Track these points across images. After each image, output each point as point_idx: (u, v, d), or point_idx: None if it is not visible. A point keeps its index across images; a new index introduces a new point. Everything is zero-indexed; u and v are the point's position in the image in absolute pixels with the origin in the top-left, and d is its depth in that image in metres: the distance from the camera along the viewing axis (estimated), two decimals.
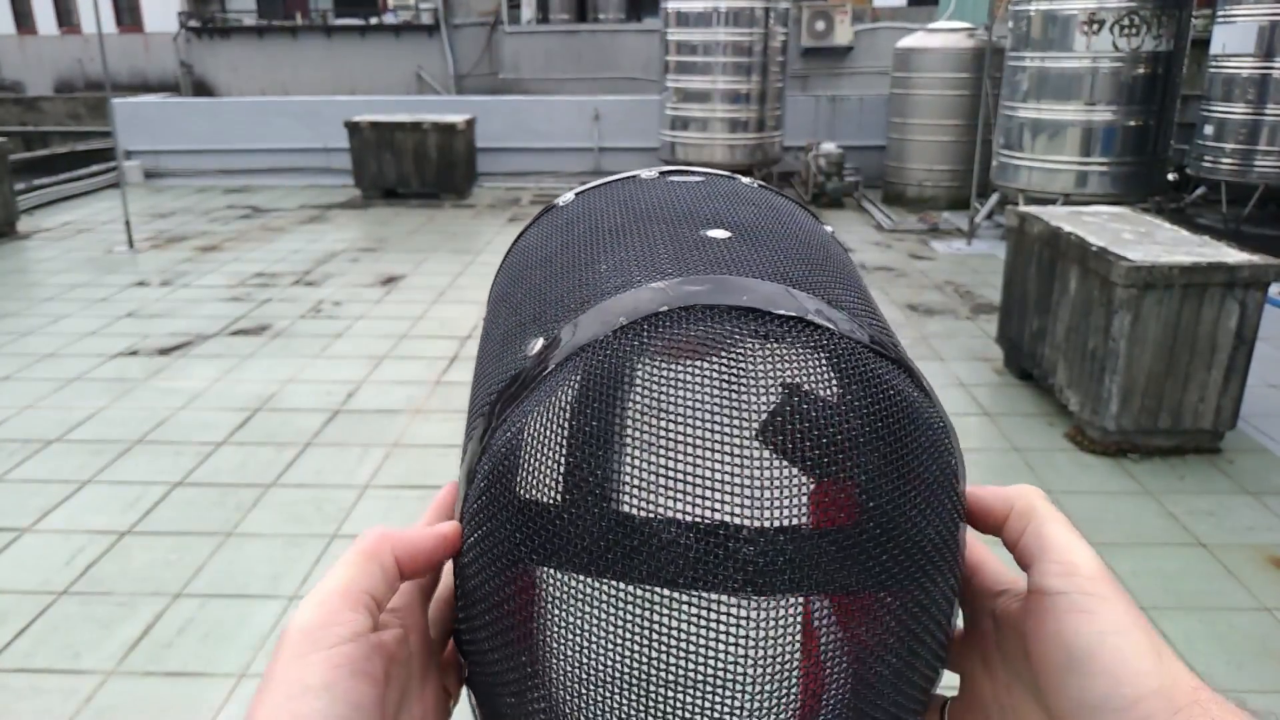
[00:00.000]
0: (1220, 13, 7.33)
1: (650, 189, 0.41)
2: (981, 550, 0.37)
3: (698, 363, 0.29)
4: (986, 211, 7.59)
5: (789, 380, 0.29)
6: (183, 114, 10.54)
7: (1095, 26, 6.52)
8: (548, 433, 0.29)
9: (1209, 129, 7.41)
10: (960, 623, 0.38)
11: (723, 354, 0.29)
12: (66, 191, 9.21)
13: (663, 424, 0.28)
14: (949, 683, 0.39)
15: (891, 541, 0.29)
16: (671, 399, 0.29)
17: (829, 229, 0.44)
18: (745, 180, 0.44)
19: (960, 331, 5.15)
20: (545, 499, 0.29)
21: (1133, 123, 6.67)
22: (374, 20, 16.98)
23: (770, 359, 0.29)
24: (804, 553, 0.28)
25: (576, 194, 0.43)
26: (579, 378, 0.29)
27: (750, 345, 0.29)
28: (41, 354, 4.73)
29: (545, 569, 0.30)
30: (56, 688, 2.29)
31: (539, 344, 0.32)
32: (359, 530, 2.75)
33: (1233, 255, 3.43)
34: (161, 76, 18.79)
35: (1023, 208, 4.52)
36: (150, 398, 4.15)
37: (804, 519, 0.28)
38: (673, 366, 0.29)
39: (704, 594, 0.28)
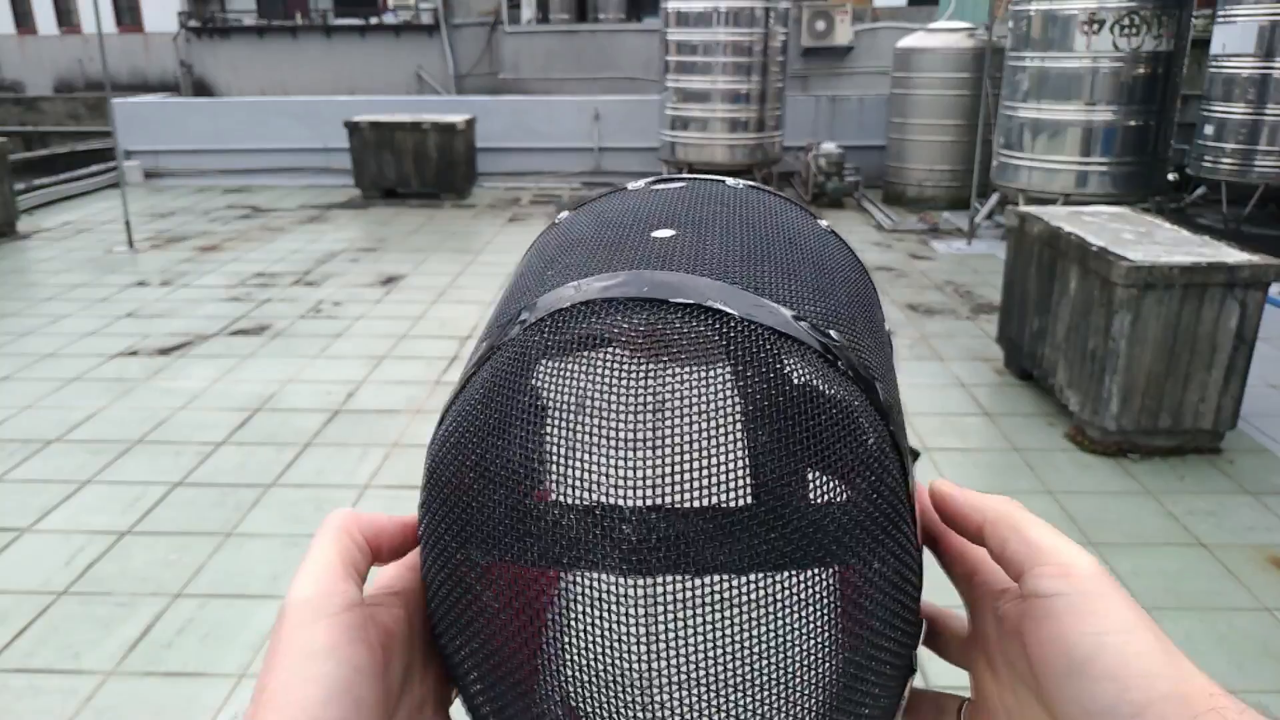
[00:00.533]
0: (1220, 13, 7.32)
1: (629, 198, 0.42)
2: (981, 551, 0.36)
3: (585, 353, 0.30)
4: (986, 211, 7.59)
5: (672, 366, 0.29)
6: (183, 114, 10.54)
7: (1095, 26, 6.52)
8: (460, 427, 0.32)
9: (1209, 129, 7.41)
10: (964, 623, 0.38)
11: (610, 343, 0.30)
12: (66, 191, 9.21)
13: (553, 414, 0.30)
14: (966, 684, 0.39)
15: (781, 521, 0.29)
16: (558, 390, 0.30)
17: (823, 224, 0.43)
18: (731, 182, 0.43)
19: (960, 331, 5.15)
20: (458, 488, 0.31)
21: (1133, 123, 6.67)
22: (374, 20, 16.98)
23: (655, 346, 0.30)
24: (680, 531, 0.29)
25: (570, 211, 0.44)
26: (487, 375, 0.32)
27: (637, 333, 0.30)
28: (41, 354, 4.73)
29: (464, 553, 0.32)
30: (56, 688, 2.29)
31: (482, 348, 0.35)
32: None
33: (1233, 255, 3.43)
34: (161, 76, 18.79)
35: (1023, 208, 4.52)
36: (150, 398, 4.15)
37: (683, 499, 0.29)
38: (563, 359, 0.30)
39: (588, 573, 0.29)
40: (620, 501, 0.29)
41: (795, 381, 0.30)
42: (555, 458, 0.29)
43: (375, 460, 3.52)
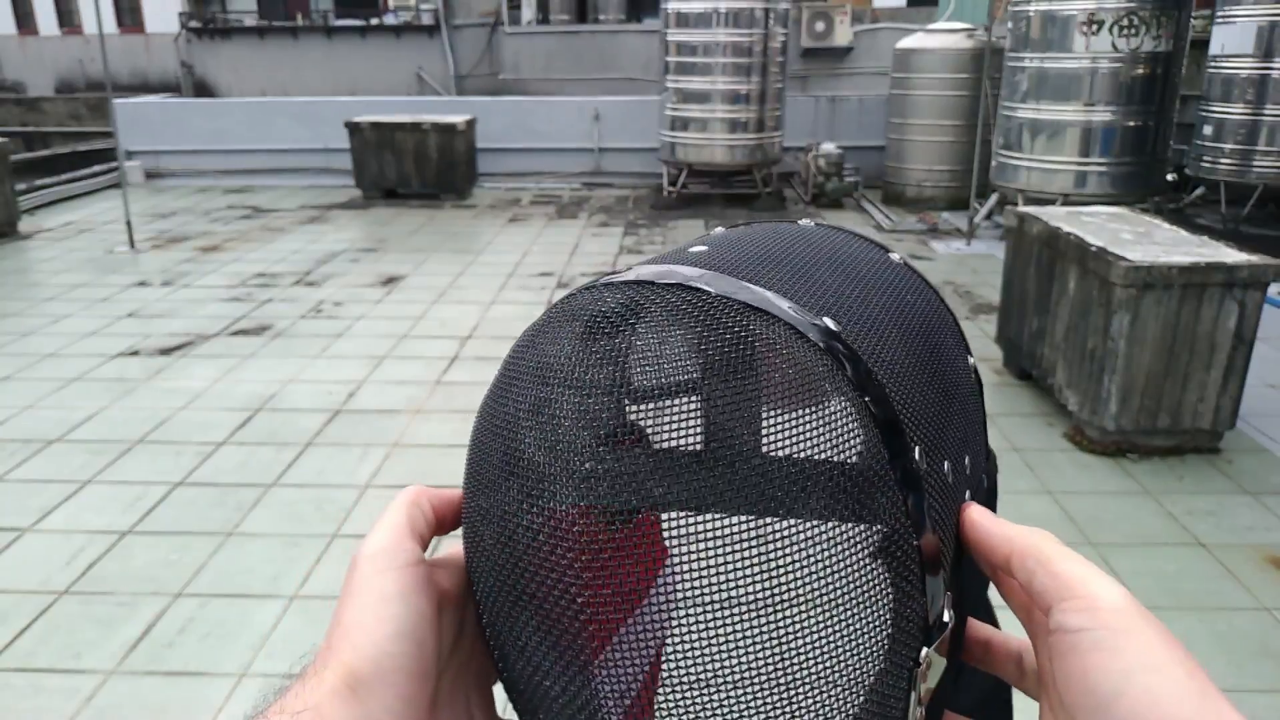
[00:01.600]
0: (1219, 13, 7.33)
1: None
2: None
3: (572, 323, 0.35)
4: (986, 212, 7.59)
5: (640, 326, 0.33)
6: (184, 114, 10.54)
7: (1094, 27, 6.52)
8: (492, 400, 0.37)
9: (1208, 129, 7.42)
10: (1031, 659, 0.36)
11: (593, 315, 0.34)
12: (67, 192, 9.22)
13: (542, 371, 0.34)
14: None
15: (723, 464, 0.32)
16: (550, 352, 0.34)
17: (895, 257, 0.42)
18: (803, 221, 0.44)
19: None
20: (474, 447, 0.37)
21: (1132, 123, 6.68)
22: (374, 21, 16.99)
23: (627, 312, 0.33)
24: (635, 468, 0.32)
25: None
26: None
27: (614, 305, 0.34)
28: (42, 354, 4.74)
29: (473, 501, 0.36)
30: (57, 687, 2.29)
31: None
32: (360, 530, 2.73)
33: (1231, 255, 3.43)
34: (162, 77, 18.80)
35: (1022, 208, 4.53)
36: (151, 398, 4.16)
37: (642, 438, 0.33)
38: (562, 327, 0.35)
39: (553, 506, 0.33)
40: (584, 441, 0.32)
41: (753, 343, 0.32)
42: (539, 407, 0.33)
43: (376, 460, 3.53)
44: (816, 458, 0.31)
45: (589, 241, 7.47)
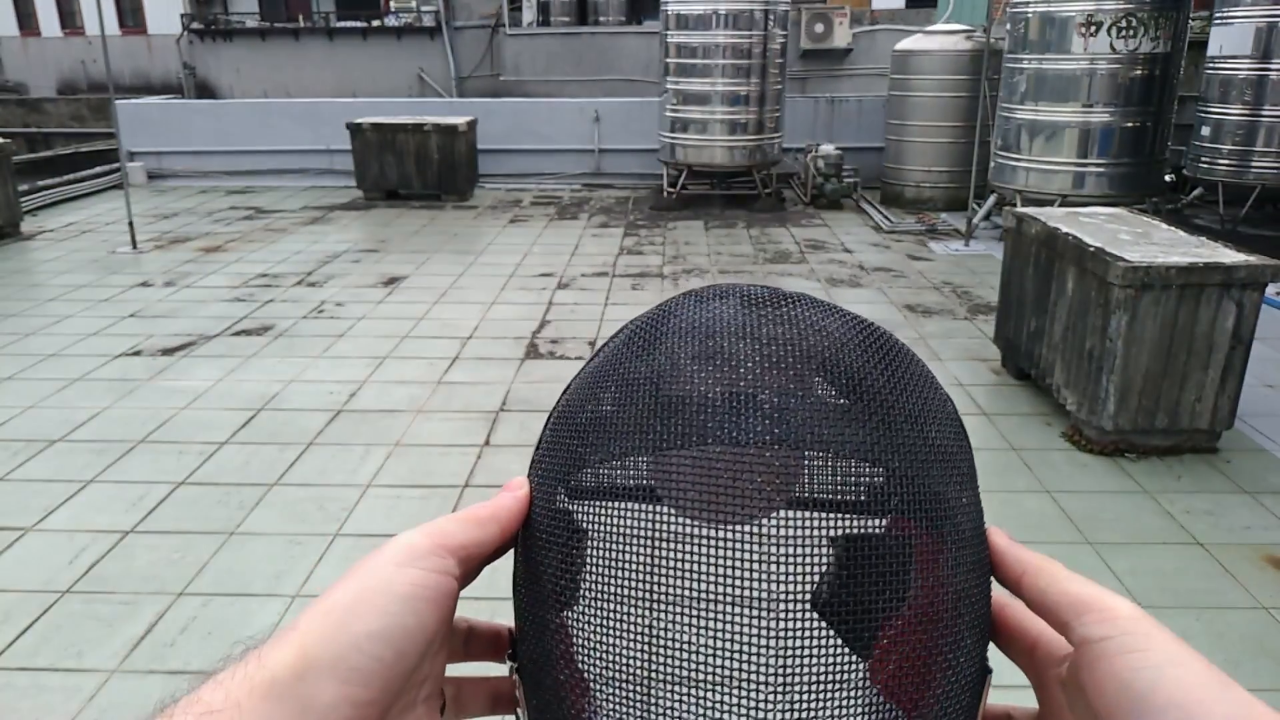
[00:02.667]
0: (1217, 14, 7.34)
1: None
2: (1040, 624, 0.36)
3: (724, 299, 0.37)
4: (984, 212, 7.60)
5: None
6: (186, 115, 10.56)
7: (1093, 28, 6.53)
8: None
9: (1206, 130, 7.43)
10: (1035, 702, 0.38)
11: (744, 294, 0.37)
12: (70, 192, 9.24)
13: (707, 329, 0.36)
14: None
15: (878, 418, 0.34)
16: (711, 314, 0.36)
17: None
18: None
19: (958, 332, 5.17)
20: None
21: (1130, 124, 6.69)
22: (376, 22, 17.01)
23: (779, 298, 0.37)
24: (806, 416, 0.33)
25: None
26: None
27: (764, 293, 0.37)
28: (45, 354, 4.75)
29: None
30: (60, 686, 2.30)
31: None
32: (361, 529, 2.73)
33: (1229, 256, 3.44)
34: (164, 78, 18.82)
35: (1020, 209, 4.54)
36: (153, 397, 4.17)
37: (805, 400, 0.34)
38: (711, 301, 0.37)
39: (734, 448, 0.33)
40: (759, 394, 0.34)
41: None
42: (710, 355, 0.35)
43: (377, 460, 3.54)
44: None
45: (589, 242, 7.49)
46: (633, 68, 14.35)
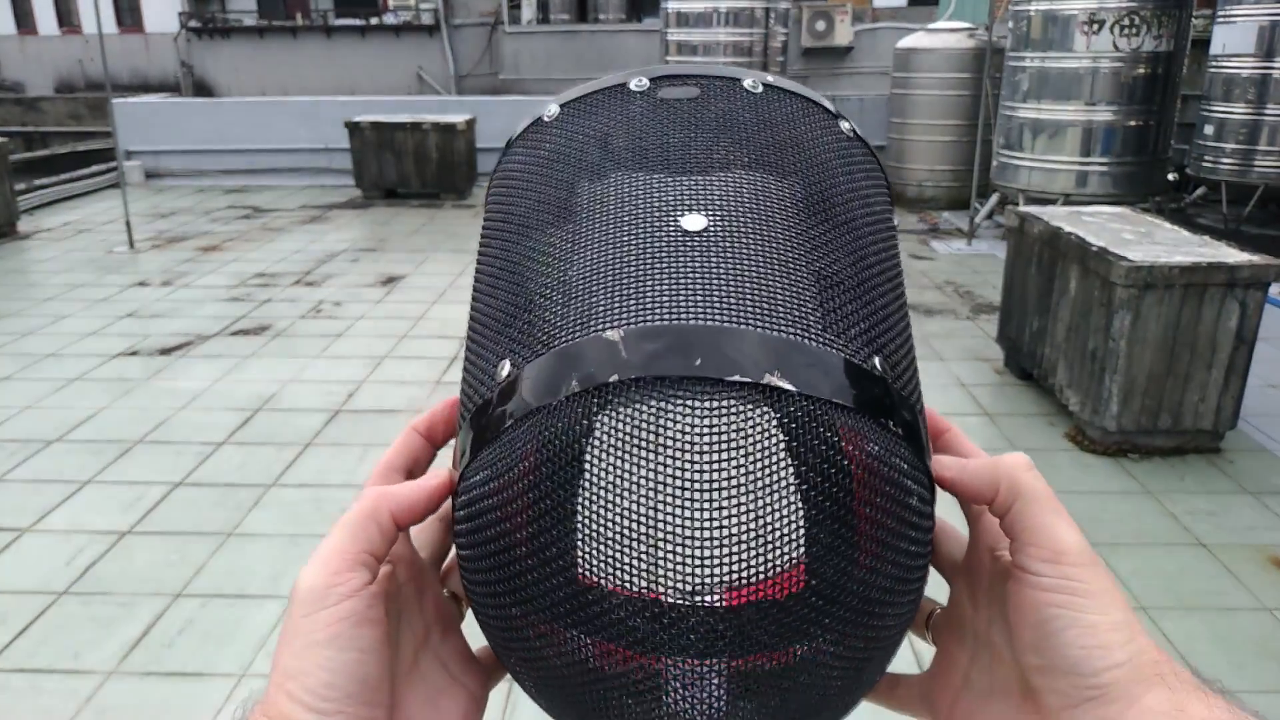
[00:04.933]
0: (1220, 13, 7.32)
1: (637, 117, 0.39)
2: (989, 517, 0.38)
3: (642, 448, 0.29)
4: (986, 211, 7.59)
5: (730, 464, 0.29)
6: (183, 114, 10.54)
7: (1095, 26, 6.52)
8: (511, 493, 0.31)
9: (1209, 129, 7.41)
10: (962, 545, 0.40)
11: (666, 440, 0.29)
12: (67, 192, 9.22)
13: (611, 506, 0.29)
14: (939, 591, 0.40)
15: (836, 606, 0.31)
16: (619, 482, 0.29)
17: (846, 126, 0.41)
18: (749, 84, 0.39)
19: (960, 331, 5.15)
20: (513, 550, 0.31)
21: (1133, 123, 6.67)
22: (374, 20, 17.00)
23: (710, 444, 0.29)
24: (743, 629, 0.30)
25: (561, 108, 0.41)
26: (534, 446, 0.30)
27: (693, 428, 0.29)
28: (42, 354, 4.73)
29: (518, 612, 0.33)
30: (57, 688, 2.29)
31: (505, 369, 0.33)
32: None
33: (1233, 255, 3.43)
34: (162, 77, 18.79)
35: (1023, 208, 4.52)
36: (151, 398, 4.15)
37: (743, 598, 0.29)
38: (620, 448, 0.29)
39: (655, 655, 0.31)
40: (684, 602, 0.29)
41: (848, 473, 0.30)
42: (616, 552, 0.29)
43: (376, 460, 3.52)
44: (901, 564, 0.33)
45: None
46: (633, 66, 14.31)
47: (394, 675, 0.34)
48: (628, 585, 0.29)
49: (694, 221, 0.34)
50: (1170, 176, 7.37)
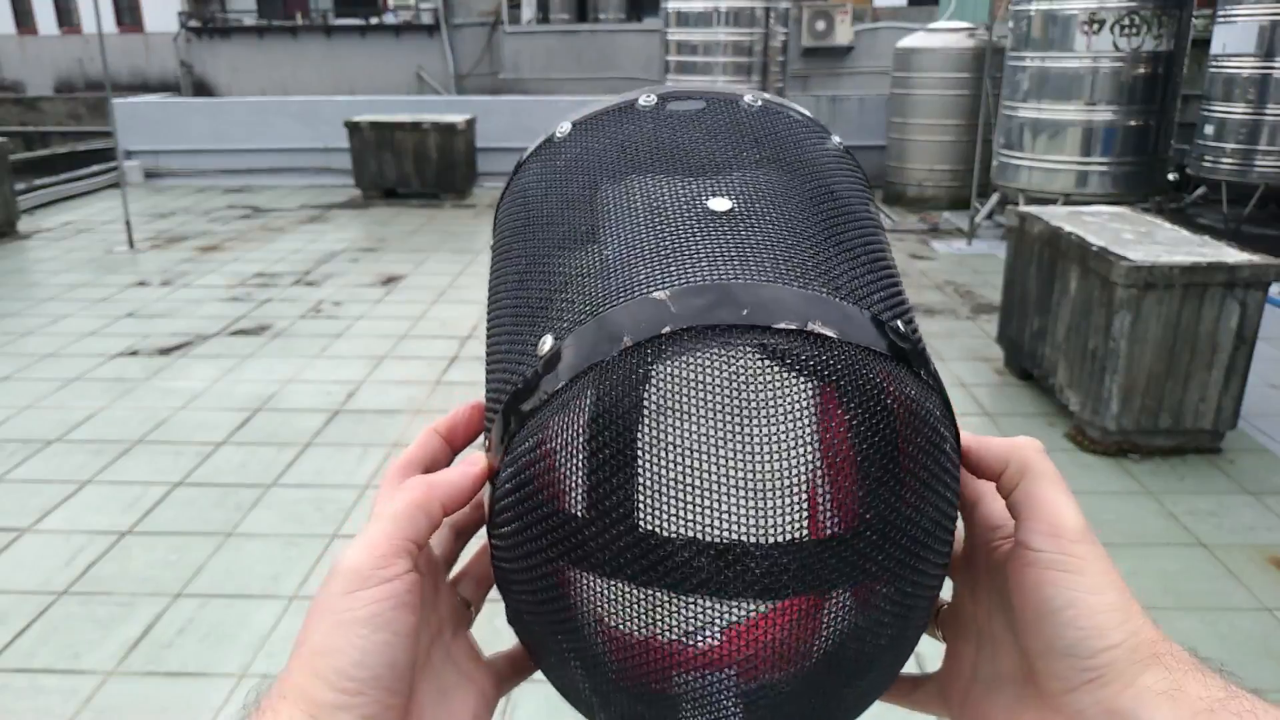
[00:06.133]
0: (1221, 13, 7.32)
1: (649, 128, 0.41)
2: (986, 486, 0.39)
3: (702, 390, 0.30)
4: (987, 211, 7.59)
5: (787, 402, 0.30)
6: (183, 114, 10.54)
7: (1095, 26, 6.51)
8: (566, 452, 0.31)
9: (1209, 129, 7.41)
10: (960, 540, 0.41)
11: (724, 380, 0.30)
12: (67, 191, 9.21)
13: (672, 450, 0.30)
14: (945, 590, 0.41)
15: (888, 543, 0.32)
16: (680, 425, 0.30)
17: (836, 140, 0.44)
18: (748, 100, 0.42)
19: (960, 331, 5.15)
20: (569, 510, 0.32)
21: (1133, 122, 6.67)
22: (374, 20, 17.00)
23: (767, 382, 0.30)
24: (806, 564, 0.31)
25: (574, 125, 0.43)
26: (591, 400, 0.31)
27: (750, 367, 0.30)
28: (41, 354, 4.73)
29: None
30: (56, 688, 2.29)
31: (547, 344, 0.33)
32: (359, 530, 2.78)
33: (1233, 255, 3.43)
34: (162, 76, 18.79)
35: (1023, 207, 4.52)
36: (150, 398, 4.15)
37: (804, 533, 0.31)
38: (679, 393, 0.30)
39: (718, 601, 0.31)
40: (751, 539, 0.30)
41: (893, 411, 0.31)
42: (680, 496, 0.30)
43: (376, 460, 3.52)
44: (944, 508, 0.35)
45: None
46: (633, 66, 14.33)
47: (414, 666, 0.35)
48: (692, 528, 0.30)
49: (720, 204, 0.36)
50: (1170, 176, 7.37)
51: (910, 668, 0.39)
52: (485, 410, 0.39)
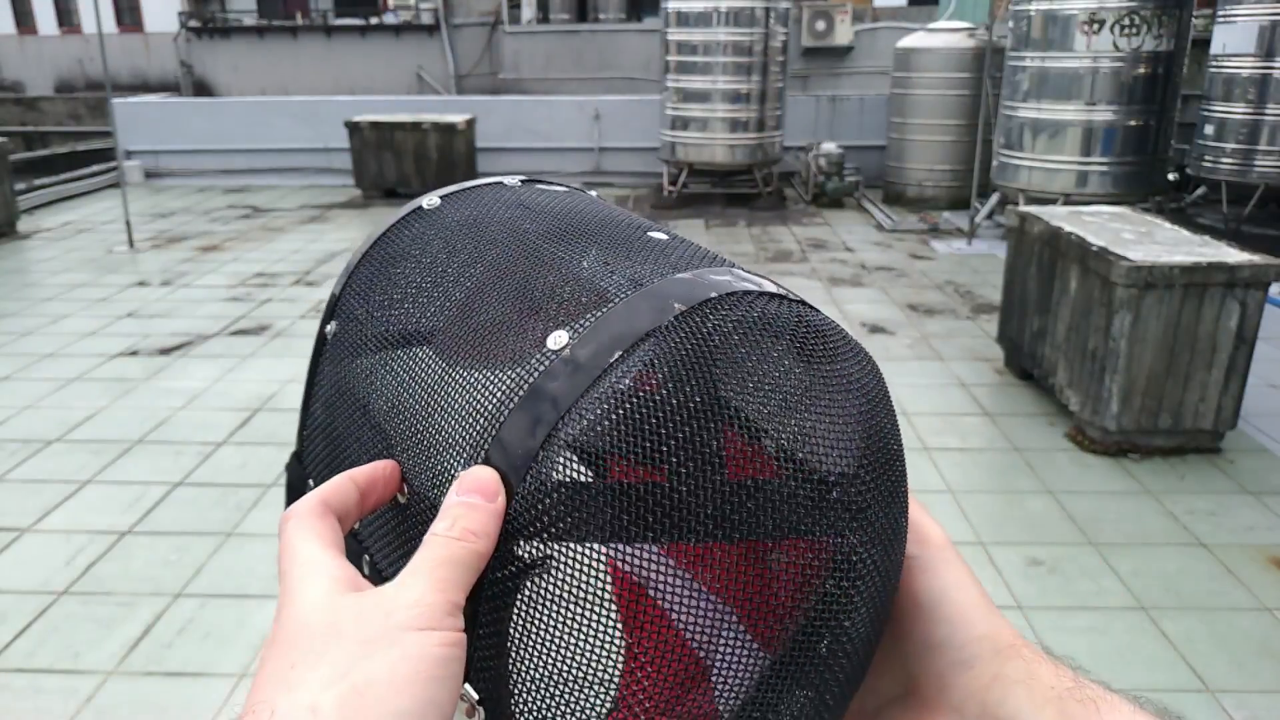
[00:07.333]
0: (1220, 13, 7.32)
1: (535, 198, 0.45)
2: None
3: (771, 339, 0.34)
4: (987, 211, 7.59)
5: (835, 338, 0.36)
6: (183, 114, 10.54)
7: (1095, 26, 6.51)
8: (645, 411, 0.31)
9: (1209, 129, 7.41)
10: None
11: (786, 325, 0.34)
12: (67, 191, 9.21)
13: (753, 382, 0.33)
14: None
15: (887, 469, 0.35)
16: (759, 374, 0.33)
17: (594, 194, 0.48)
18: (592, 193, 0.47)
19: (961, 331, 5.15)
20: (657, 476, 0.31)
21: (1133, 122, 6.67)
22: (374, 20, 16.99)
23: (821, 324, 0.36)
24: (855, 489, 0.34)
25: (442, 198, 0.46)
26: (659, 359, 0.31)
27: (806, 314, 0.35)
28: (42, 354, 4.73)
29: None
30: (57, 688, 2.29)
31: (563, 336, 0.33)
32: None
33: (1233, 255, 3.43)
34: (162, 76, 18.79)
35: (1023, 207, 4.52)
36: (150, 398, 4.15)
37: (860, 464, 0.34)
38: (749, 337, 0.33)
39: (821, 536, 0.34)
40: (838, 469, 0.33)
41: (839, 330, 0.37)
42: (775, 435, 0.33)
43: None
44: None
45: None
46: (633, 65, 14.32)
47: None
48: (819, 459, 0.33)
49: (658, 234, 0.41)
50: (1170, 176, 7.37)
51: None
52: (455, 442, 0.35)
